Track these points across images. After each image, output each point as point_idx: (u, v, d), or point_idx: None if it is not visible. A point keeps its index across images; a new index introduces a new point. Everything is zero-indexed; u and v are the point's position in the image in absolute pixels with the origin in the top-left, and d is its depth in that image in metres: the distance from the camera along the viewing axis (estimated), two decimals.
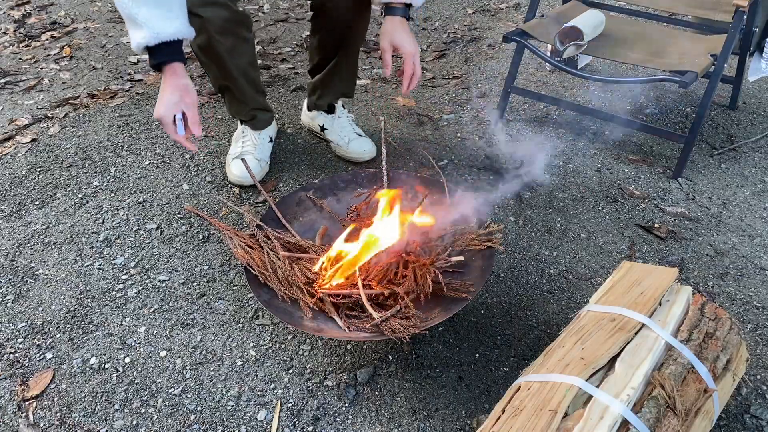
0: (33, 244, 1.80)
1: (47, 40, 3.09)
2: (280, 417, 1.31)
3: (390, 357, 1.44)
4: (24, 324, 1.55)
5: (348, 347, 1.47)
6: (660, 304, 1.17)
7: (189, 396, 1.36)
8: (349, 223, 1.56)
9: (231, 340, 1.49)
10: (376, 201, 1.55)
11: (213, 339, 1.49)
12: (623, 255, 1.71)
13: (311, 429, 1.29)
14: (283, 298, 1.40)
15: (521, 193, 1.94)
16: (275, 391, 1.37)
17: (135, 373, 1.42)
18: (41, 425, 1.31)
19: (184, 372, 1.42)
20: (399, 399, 1.35)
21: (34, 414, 1.34)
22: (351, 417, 1.31)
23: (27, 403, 1.36)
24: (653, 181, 1.98)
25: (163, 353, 1.46)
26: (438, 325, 1.48)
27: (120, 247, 1.77)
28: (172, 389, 1.38)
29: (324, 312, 1.39)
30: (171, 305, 1.59)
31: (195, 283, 1.65)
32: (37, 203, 1.96)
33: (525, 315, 1.53)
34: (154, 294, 1.62)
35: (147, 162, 2.14)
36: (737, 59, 2.16)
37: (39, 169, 2.11)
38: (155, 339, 1.50)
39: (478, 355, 1.43)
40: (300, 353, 1.45)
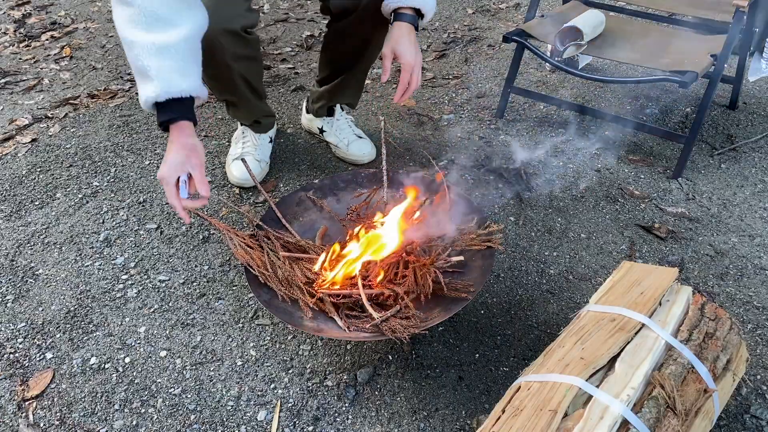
0: (33, 244, 1.80)
1: (47, 40, 3.09)
2: (280, 417, 1.31)
3: (390, 357, 1.44)
4: (24, 324, 1.55)
5: (348, 347, 1.47)
6: (660, 304, 1.17)
7: (189, 396, 1.36)
8: (349, 224, 1.56)
9: (231, 340, 1.49)
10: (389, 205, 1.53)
11: (213, 339, 1.49)
12: (623, 255, 1.71)
13: (311, 429, 1.29)
14: (283, 298, 1.40)
15: (521, 193, 1.94)
16: (275, 391, 1.37)
17: (135, 373, 1.42)
18: (41, 425, 1.31)
19: (184, 372, 1.42)
20: (399, 399, 1.35)
21: (34, 414, 1.34)
22: (351, 417, 1.31)
23: (27, 403, 1.36)
24: (653, 181, 1.98)
25: (163, 353, 1.46)
26: (438, 325, 1.48)
27: (120, 247, 1.77)
28: (172, 389, 1.38)
29: (324, 312, 1.39)
30: (171, 305, 1.59)
31: (195, 283, 1.65)
32: (37, 203, 1.96)
33: (525, 315, 1.53)
34: (154, 294, 1.62)
35: (147, 162, 2.14)
36: (737, 59, 2.16)
37: (39, 169, 2.11)
38: (155, 339, 1.50)
39: (478, 355, 1.43)
40: (300, 353, 1.45)
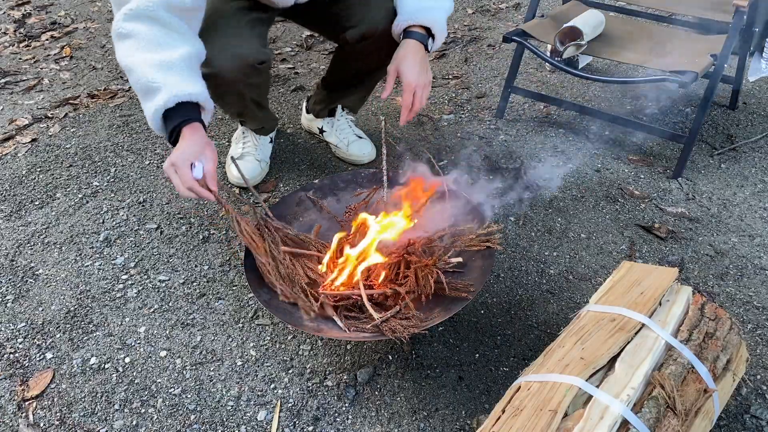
0: (33, 244, 1.80)
1: (47, 40, 3.09)
2: (280, 417, 1.31)
3: (390, 357, 1.44)
4: (24, 324, 1.55)
5: (348, 347, 1.46)
6: (660, 304, 1.17)
7: (189, 396, 1.36)
8: (350, 224, 1.56)
9: (231, 340, 1.49)
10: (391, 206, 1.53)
11: (213, 339, 1.49)
12: (623, 255, 1.71)
13: (311, 429, 1.29)
14: (285, 297, 1.40)
15: (521, 193, 1.94)
16: (275, 391, 1.37)
17: (135, 373, 1.42)
18: (41, 425, 1.31)
19: (184, 372, 1.42)
20: (399, 399, 1.34)
21: (34, 414, 1.34)
22: (351, 417, 1.31)
23: (27, 403, 1.36)
24: (653, 181, 1.98)
25: (163, 353, 1.46)
26: (438, 325, 1.48)
27: (120, 247, 1.77)
28: (172, 389, 1.38)
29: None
30: (171, 305, 1.59)
31: (195, 283, 1.65)
32: (37, 203, 1.96)
33: (525, 315, 1.53)
34: (154, 294, 1.62)
35: (147, 162, 2.14)
36: (737, 59, 2.16)
37: (39, 169, 2.11)
38: (155, 339, 1.50)
39: (478, 355, 1.43)
40: (300, 353, 1.45)
